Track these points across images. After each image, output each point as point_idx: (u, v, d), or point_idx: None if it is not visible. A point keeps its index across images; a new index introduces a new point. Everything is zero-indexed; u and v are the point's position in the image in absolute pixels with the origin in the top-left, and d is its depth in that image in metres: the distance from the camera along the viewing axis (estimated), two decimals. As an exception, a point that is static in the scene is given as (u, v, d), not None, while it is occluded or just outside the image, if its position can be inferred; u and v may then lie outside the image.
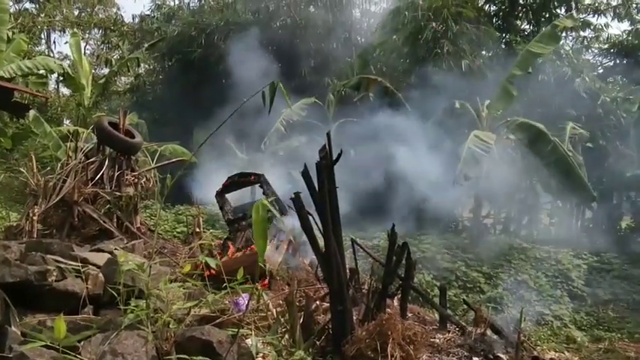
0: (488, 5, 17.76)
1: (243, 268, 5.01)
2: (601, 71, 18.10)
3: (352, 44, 18.60)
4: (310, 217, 5.17)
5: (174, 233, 13.10)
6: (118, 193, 9.99)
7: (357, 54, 17.52)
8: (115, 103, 22.73)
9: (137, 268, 4.10)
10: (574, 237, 16.74)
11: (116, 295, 3.95)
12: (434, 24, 14.49)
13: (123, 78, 23.96)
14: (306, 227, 5.16)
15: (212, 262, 4.66)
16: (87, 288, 4.32)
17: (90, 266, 4.68)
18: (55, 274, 4.13)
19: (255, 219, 3.63)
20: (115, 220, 9.91)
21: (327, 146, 5.30)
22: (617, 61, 18.23)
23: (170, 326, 3.88)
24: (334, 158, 5.22)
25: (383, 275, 5.80)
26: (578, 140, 13.30)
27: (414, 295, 7.57)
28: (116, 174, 10.20)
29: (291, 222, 9.23)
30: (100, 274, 4.42)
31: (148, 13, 21.51)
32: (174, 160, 11.89)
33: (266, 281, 8.14)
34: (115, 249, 5.55)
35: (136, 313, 3.84)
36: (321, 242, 5.28)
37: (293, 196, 5.11)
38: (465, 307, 8.89)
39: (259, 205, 3.64)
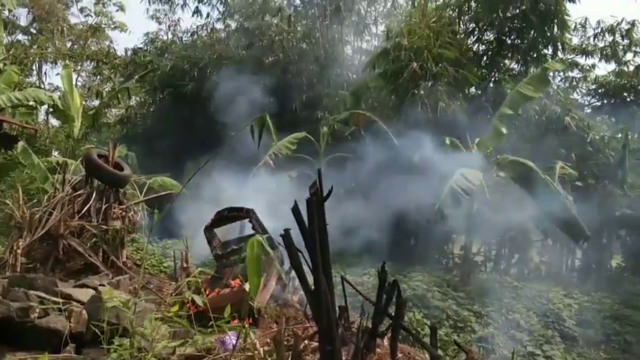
0: (477, 45, 18.10)
1: (230, 305, 4.89)
2: (589, 111, 18.37)
3: (344, 80, 18.78)
4: (300, 254, 5.08)
5: (161, 268, 12.84)
6: (104, 227, 9.82)
7: (348, 89, 17.69)
8: (105, 135, 22.67)
9: (122, 305, 3.99)
10: (565, 276, 16.73)
11: (99, 333, 3.82)
12: (414, 64, 14.68)
13: (113, 110, 24.01)
14: (296, 264, 5.05)
15: (199, 300, 4.55)
16: (70, 325, 4.18)
17: (74, 303, 4.55)
18: (37, 310, 4.01)
19: (250, 256, 3.56)
20: (101, 254, 9.72)
21: (317, 182, 5.25)
22: (605, 101, 18.54)
23: (155, 366, 3.75)
24: (325, 195, 5.16)
25: (373, 314, 5.66)
26: (568, 179, 13.38)
27: (404, 335, 7.42)
28: (103, 207, 10.06)
29: (279, 258, 9.12)
30: (84, 312, 4.29)
31: (141, 46, 21.67)
32: (162, 193, 11.76)
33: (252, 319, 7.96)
34: (100, 285, 5.41)
35: (120, 353, 3.73)
36: (310, 279, 5.17)
37: (282, 232, 5.02)
38: (456, 347, 8.73)
39: (254, 242, 3.57)
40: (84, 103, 18.25)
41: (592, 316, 12.28)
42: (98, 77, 24.27)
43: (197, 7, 20.95)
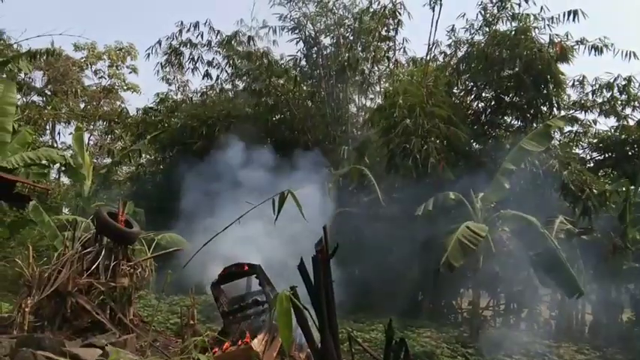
0: (476, 102, 18.60)
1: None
2: (592, 165, 18.56)
3: (348, 136, 19.20)
4: (306, 311, 5.18)
5: (168, 325, 12.82)
6: (112, 284, 9.94)
7: (352, 146, 18.06)
8: (115, 192, 22.99)
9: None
10: (575, 330, 16.46)
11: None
12: (408, 121, 15.08)
13: (124, 167, 24.48)
14: (302, 322, 5.15)
15: (204, 359, 4.64)
16: (78, 385, 4.26)
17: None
18: (45, 371, 4.09)
19: (280, 310, 3.70)
20: (109, 311, 9.80)
21: (323, 240, 5.42)
22: (607, 155, 18.76)
23: None
24: (330, 252, 5.32)
25: (380, 372, 5.70)
26: (570, 233, 13.45)
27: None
28: (112, 264, 10.20)
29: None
30: (91, 372, 4.38)
31: (152, 106, 22.32)
32: (171, 249, 11.90)
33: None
34: (107, 344, 5.50)
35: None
36: (316, 335, 5.25)
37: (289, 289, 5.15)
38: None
39: (283, 297, 3.72)
40: (95, 161, 18.75)
41: (604, 373, 12.07)
42: (110, 136, 24.88)
43: (207, 70, 21.71)
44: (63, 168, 17.91)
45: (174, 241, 15.31)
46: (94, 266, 9.98)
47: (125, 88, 24.96)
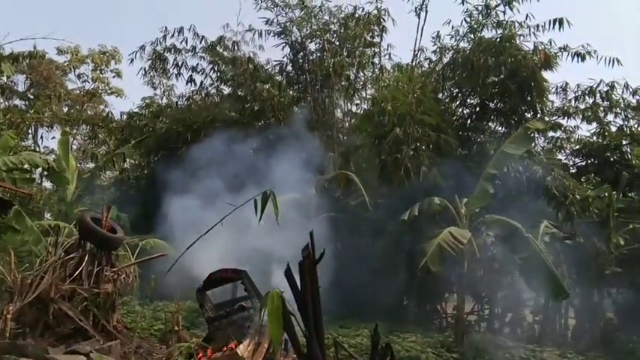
0: (461, 109, 18.76)
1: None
2: (574, 171, 18.78)
3: (334, 142, 19.22)
4: (292, 316, 5.17)
5: (152, 331, 12.70)
6: (95, 290, 9.85)
7: (338, 151, 18.09)
8: (98, 197, 22.76)
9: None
10: (558, 335, 16.62)
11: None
12: (397, 129, 15.17)
13: (107, 172, 24.24)
14: (288, 327, 5.14)
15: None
16: (61, 392, 4.21)
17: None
18: (30, 378, 4.03)
19: (271, 308, 3.70)
20: (92, 318, 9.69)
21: (309, 245, 5.42)
22: (589, 161, 19.02)
23: None
24: (317, 257, 5.32)
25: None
26: (553, 238, 13.61)
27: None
28: (95, 270, 10.10)
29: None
30: (76, 378, 4.32)
31: (136, 110, 22.18)
32: (155, 255, 11.80)
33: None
34: (91, 351, 5.43)
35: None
36: (302, 341, 5.24)
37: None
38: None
39: (274, 295, 3.72)
40: (79, 165, 18.54)
41: (587, 377, 12.20)
42: (93, 140, 24.63)
43: (191, 75, 21.63)
44: (46, 172, 17.69)
45: (158, 247, 15.15)
46: (77, 272, 9.89)
47: (109, 92, 24.78)
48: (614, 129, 18.67)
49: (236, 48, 20.49)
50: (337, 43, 20.47)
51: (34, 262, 10.44)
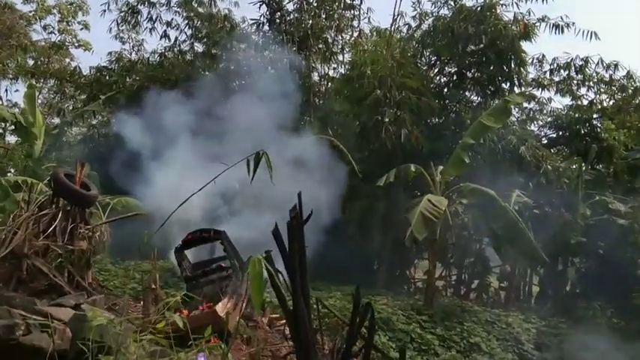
0: (438, 77, 18.80)
1: (201, 326, 4.96)
2: (545, 142, 19.19)
3: (311, 106, 19.06)
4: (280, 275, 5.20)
5: (125, 290, 12.62)
6: (70, 247, 9.66)
7: (315, 115, 17.98)
8: (65, 154, 22.16)
9: (109, 323, 4.05)
10: (523, 301, 17.26)
11: (86, 350, 3.85)
12: (378, 92, 15.11)
13: (74, 128, 23.56)
14: (275, 286, 5.17)
15: (179, 321, 4.61)
16: (53, 343, 4.19)
17: (54, 321, 4.54)
18: (22, 328, 3.99)
19: (252, 273, 3.68)
20: (66, 274, 9.55)
21: (297, 206, 5.43)
22: (560, 133, 19.45)
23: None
24: (304, 218, 5.34)
25: (347, 335, 5.81)
26: (524, 207, 13.94)
27: (373, 356, 7.57)
28: (69, 227, 9.90)
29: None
30: (68, 330, 4.29)
31: (105, 65, 21.44)
32: (130, 214, 11.62)
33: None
34: (76, 304, 5.38)
35: (106, 369, 3.77)
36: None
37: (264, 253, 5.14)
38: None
39: (256, 260, 3.70)
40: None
41: (549, 340, 12.72)
42: (59, 95, 23.77)
43: (165, 31, 21.00)
44: (12, 127, 17.09)
45: (130, 206, 14.95)
46: (50, 229, 9.66)
47: (76, 44, 23.82)
48: (585, 102, 19.07)
49: (212, 4, 19.92)
50: (315, 4, 20.12)
51: (5, 218, 10.15)
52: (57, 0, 23.55)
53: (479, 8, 16.62)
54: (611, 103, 18.73)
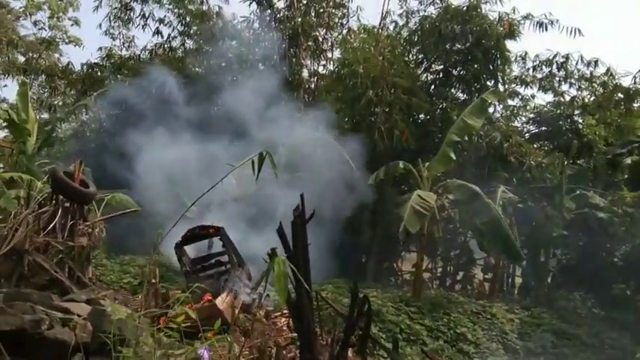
0: (425, 74, 19.20)
1: (201, 319, 5.30)
2: (528, 137, 19.71)
3: (300, 102, 19.35)
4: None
5: (121, 284, 12.91)
6: (70, 243, 9.93)
7: (305, 112, 18.26)
8: (56, 150, 22.23)
9: (129, 317, 4.37)
10: (506, 292, 17.81)
11: (109, 342, 4.17)
12: (370, 92, 15.46)
13: (64, 124, 23.59)
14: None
15: (192, 314, 4.97)
16: (75, 336, 4.49)
17: (74, 316, 4.84)
18: (47, 322, 4.30)
19: (277, 273, 3.97)
20: (67, 270, 9.82)
21: (300, 206, 5.79)
22: (543, 129, 19.99)
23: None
24: (307, 217, 5.70)
25: (345, 326, 6.20)
26: (509, 202, 14.43)
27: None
28: (69, 224, 10.16)
29: (247, 274, 9.53)
30: (89, 323, 4.60)
31: (97, 61, 21.54)
32: (128, 210, 11.92)
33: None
34: (87, 299, 5.69)
35: (126, 360, 4.08)
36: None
37: (269, 251, 5.49)
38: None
39: (280, 261, 4.00)
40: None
41: (532, 330, 13.22)
42: (48, 90, 23.75)
43: (157, 27, 21.15)
44: (4, 124, 17.18)
45: (123, 202, 15.15)
46: (50, 225, 9.92)
47: (67, 40, 23.86)
48: (567, 99, 19.59)
49: (205, 1, 20.14)
50: (305, 2, 20.37)
51: (5, 215, 10.36)
52: (47, -4, 23.59)
53: (465, 7, 17.01)
54: (591, 99, 19.23)
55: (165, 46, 21.58)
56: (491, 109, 16.11)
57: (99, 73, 21.02)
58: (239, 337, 8.23)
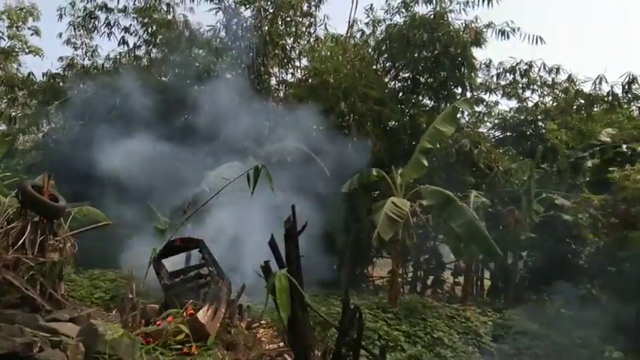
0: (393, 82, 19.44)
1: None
2: (493, 142, 20.16)
3: (269, 110, 19.25)
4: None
5: (92, 299, 12.56)
6: (42, 259, 9.61)
7: (274, 120, 18.21)
8: (15, 162, 21.50)
9: (121, 337, 4.27)
10: (477, 295, 18.13)
11: (102, 363, 4.05)
12: (342, 104, 15.56)
13: (25, 136, 22.86)
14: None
15: (185, 329, 4.87)
16: (67, 358, 4.35)
17: (62, 336, 4.69)
18: (38, 345, 4.15)
19: (279, 287, 3.94)
20: (39, 287, 9.49)
21: (291, 218, 5.77)
22: (508, 134, 20.51)
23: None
24: (299, 229, 5.68)
25: (337, 336, 6.18)
26: (482, 206, 14.73)
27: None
28: (39, 239, 9.83)
29: (228, 287, 9.40)
30: (81, 344, 4.46)
31: (58, 71, 20.96)
32: (101, 224, 11.63)
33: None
34: (95, 318, 5.52)
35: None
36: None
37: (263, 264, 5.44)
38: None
39: (281, 276, 3.97)
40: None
41: (505, 332, 13.50)
42: (6, 101, 22.97)
43: (123, 37, 20.75)
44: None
45: (91, 215, 14.77)
46: (20, 242, 9.57)
47: (27, 51, 23.14)
48: (531, 104, 20.15)
49: (171, 10, 19.89)
50: (272, 11, 20.34)
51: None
52: (7, 5, 22.87)
53: (431, 16, 17.29)
54: (554, 105, 19.78)
55: (130, 55, 21.16)
56: (459, 116, 16.31)
57: (61, 84, 20.44)
58: (221, 351, 8.12)
